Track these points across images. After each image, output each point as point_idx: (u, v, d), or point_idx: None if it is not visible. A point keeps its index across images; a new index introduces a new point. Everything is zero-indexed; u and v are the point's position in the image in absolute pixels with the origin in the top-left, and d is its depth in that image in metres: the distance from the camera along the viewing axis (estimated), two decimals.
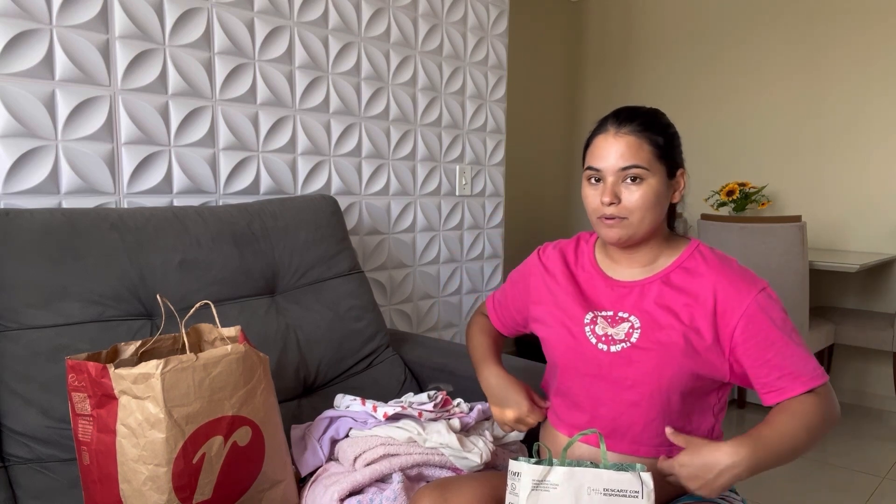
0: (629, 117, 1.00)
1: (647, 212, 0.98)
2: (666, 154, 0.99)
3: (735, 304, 0.97)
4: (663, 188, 0.99)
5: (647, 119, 1.00)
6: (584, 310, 1.06)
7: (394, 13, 2.02)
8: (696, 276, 1.01)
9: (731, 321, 0.97)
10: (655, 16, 3.55)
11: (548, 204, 3.77)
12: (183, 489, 0.91)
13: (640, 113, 1.01)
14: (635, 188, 0.98)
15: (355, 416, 1.21)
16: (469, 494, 0.95)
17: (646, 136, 0.98)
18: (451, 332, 2.36)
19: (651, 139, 0.98)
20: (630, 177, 0.97)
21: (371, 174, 2.02)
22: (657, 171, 0.98)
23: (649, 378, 0.98)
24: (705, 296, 0.99)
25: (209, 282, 1.32)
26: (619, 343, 1.01)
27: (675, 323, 0.99)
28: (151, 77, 1.48)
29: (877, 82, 2.92)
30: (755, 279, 1.00)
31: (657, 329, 0.99)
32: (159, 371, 0.88)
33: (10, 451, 1.07)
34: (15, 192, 1.31)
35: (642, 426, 1.00)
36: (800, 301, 2.43)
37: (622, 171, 0.97)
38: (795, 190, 3.17)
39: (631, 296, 1.04)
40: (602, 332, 1.03)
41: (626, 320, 1.02)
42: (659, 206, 0.99)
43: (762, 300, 0.97)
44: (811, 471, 2.33)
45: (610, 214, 0.99)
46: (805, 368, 0.96)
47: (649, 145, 0.98)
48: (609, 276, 1.07)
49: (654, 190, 0.98)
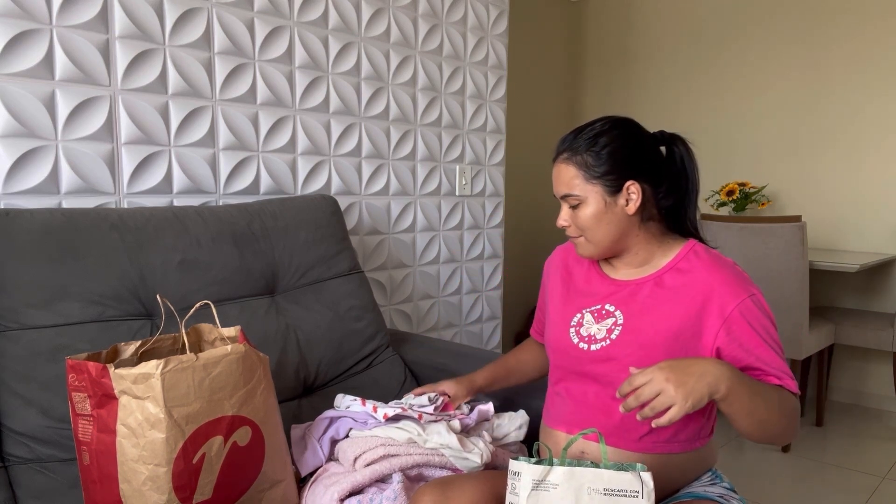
0: (563, 142, 1.05)
1: (596, 230, 1.03)
2: (599, 173, 1.01)
3: (722, 304, 0.98)
4: (602, 206, 1.02)
5: (579, 141, 1.03)
6: (573, 310, 1.10)
7: (394, 13, 2.02)
8: (689, 276, 1.02)
9: (717, 322, 0.98)
10: (655, 16, 3.55)
11: (548, 204, 3.77)
12: (183, 489, 0.91)
13: (575, 135, 1.04)
14: (576, 212, 1.04)
15: (355, 416, 1.21)
16: (469, 493, 0.96)
17: (573, 161, 1.03)
18: (451, 332, 2.36)
19: (579, 162, 1.02)
20: (569, 203, 1.04)
21: (371, 174, 2.02)
22: (590, 192, 1.02)
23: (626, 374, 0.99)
24: (695, 295, 1.00)
25: (209, 282, 1.32)
26: (600, 342, 1.04)
27: (660, 323, 1.00)
28: (151, 77, 1.48)
29: (877, 82, 2.92)
30: (747, 284, 1.00)
31: (638, 328, 1.01)
32: (159, 371, 0.88)
33: (10, 451, 1.07)
34: (15, 192, 1.31)
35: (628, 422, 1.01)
36: (800, 301, 2.43)
37: (563, 199, 1.05)
38: (795, 190, 3.17)
39: (621, 293, 1.06)
40: (586, 332, 1.06)
41: (612, 315, 1.05)
42: (605, 222, 1.03)
43: (748, 306, 0.98)
44: (811, 471, 2.33)
45: (568, 234, 1.08)
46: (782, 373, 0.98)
47: (576, 169, 1.02)
48: (606, 274, 1.11)
49: (592, 211, 1.02)
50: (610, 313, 1.05)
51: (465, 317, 2.41)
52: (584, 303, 1.10)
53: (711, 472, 1.10)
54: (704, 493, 1.03)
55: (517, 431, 1.27)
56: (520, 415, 1.28)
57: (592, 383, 1.05)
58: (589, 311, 1.08)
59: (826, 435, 2.68)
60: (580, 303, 1.10)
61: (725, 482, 1.09)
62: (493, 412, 1.29)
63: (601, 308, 1.07)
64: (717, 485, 1.07)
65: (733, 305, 0.98)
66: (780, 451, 2.50)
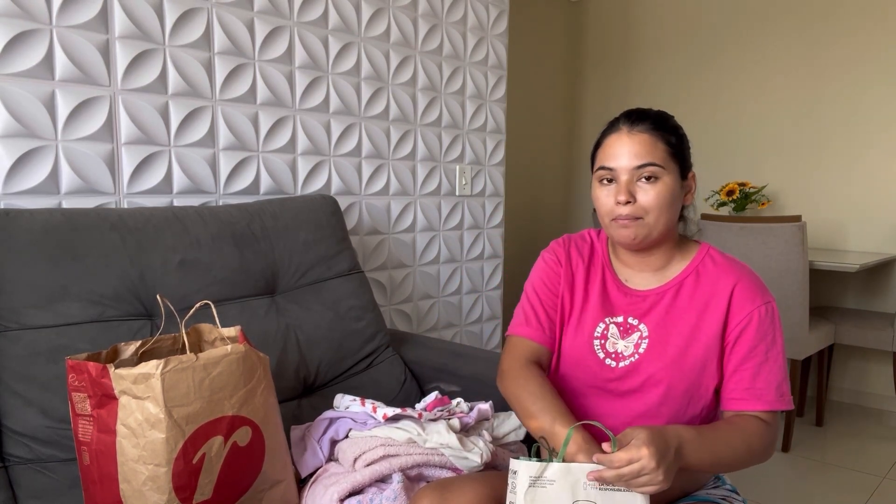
0: (641, 117, 0.99)
1: (662, 211, 0.96)
2: (678, 154, 0.99)
3: (742, 307, 0.98)
4: (678, 188, 0.98)
5: (660, 119, 1.00)
6: (595, 320, 1.04)
7: (394, 13, 2.02)
8: (710, 282, 1.01)
9: (735, 321, 0.98)
10: (655, 16, 3.55)
11: (548, 204, 3.77)
12: (183, 489, 0.91)
13: (651, 114, 1.00)
14: (650, 187, 0.95)
15: (355, 416, 1.21)
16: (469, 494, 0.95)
17: (659, 134, 0.97)
18: (451, 332, 2.36)
19: (664, 138, 0.98)
20: (645, 175, 0.95)
21: (371, 174, 2.02)
22: (672, 169, 0.97)
23: (656, 389, 0.98)
24: (719, 299, 0.99)
25: (209, 282, 1.32)
26: (628, 358, 1.01)
27: (686, 334, 0.99)
28: (151, 77, 1.48)
29: (877, 81, 2.92)
30: (765, 291, 1.00)
31: (665, 341, 0.99)
32: (159, 371, 0.88)
33: (10, 451, 1.07)
34: (15, 192, 1.31)
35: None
36: (800, 301, 2.43)
37: (637, 170, 0.95)
38: (795, 190, 3.17)
39: (644, 304, 1.03)
40: (612, 348, 1.02)
41: (636, 329, 1.02)
42: (674, 206, 0.98)
43: (762, 313, 0.98)
44: (811, 471, 2.33)
45: (626, 214, 0.96)
46: (770, 390, 0.97)
47: (663, 143, 0.97)
48: (623, 283, 1.06)
49: (669, 189, 0.96)
50: (634, 327, 1.02)
51: (465, 317, 2.41)
52: (605, 312, 1.05)
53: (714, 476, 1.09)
54: (707, 496, 1.03)
55: (517, 431, 1.27)
56: None
57: (611, 397, 1.02)
58: (613, 324, 1.03)
59: (826, 435, 2.68)
60: (601, 311, 1.05)
61: (728, 484, 1.08)
62: (493, 412, 1.29)
63: (624, 321, 1.03)
64: (719, 487, 1.07)
65: (750, 309, 0.97)
66: (780, 451, 2.50)
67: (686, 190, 1.02)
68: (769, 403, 0.96)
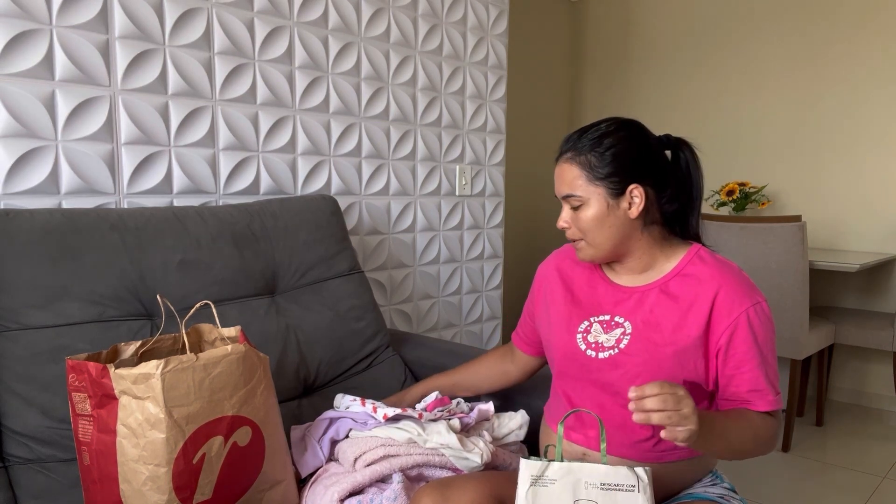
0: (567, 141, 1.03)
1: (596, 233, 1.01)
2: (603, 175, 0.99)
3: (729, 309, 0.98)
4: (604, 209, 1.00)
5: (583, 141, 1.01)
6: (580, 318, 1.08)
7: (394, 13, 2.02)
8: (695, 282, 1.01)
9: (721, 326, 0.98)
10: (655, 16, 3.55)
11: (548, 204, 3.77)
12: (183, 489, 0.91)
13: (573, 138, 1.02)
14: (577, 213, 1.02)
15: (355, 416, 1.21)
16: (470, 493, 0.96)
17: (576, 161, 1.00)
18: (452, 332, 2.36)
19: (582, 163, 1.00)
20: (570, 204, 1.02)
21: (371, 174, 2.02)
22: (592, 193, 1.00)
23: (635, 383, 0.99)
24: (703, 301, 0.99)
25: (209, 282, 1.32)
26: (608, 350, 1.02)
27: (667, 332, 1.00)
28: (151, 77, 1.48)
29: (876, 81, 2.92)
30: (753, 291, 1.00)
31: (647, 338, 1.00)
32: (159, 371, 0.88)
33: (10, 451, 1.07)
34: (15, 193, 1.31)
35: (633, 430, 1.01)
36: (800, 301, 2.43)
37: (564, 200, 1.02)
38: (795, 190, 3.17)
39: (629, 301, 1.04)
40: (594, 339, 1.04)
41: (620, 325, 1.03)
42: (609, 226, 1.00)
43: (753, 314, 0.98)
44: (811, 471, 2.33)
45: (570, 237, 1.05)
46: (770, 390, 0.98)
47: (579, 169, 1.00)
48: (610, 280, 1.09)
49: (594, 213, 1.00)
50: (619, 324, 1.03)
51: (465, 317, 2.41)
52: (591, 311, 1.07)
53: (712, 474, 1.10)
54: (704, 494, 1.03)
55: (517, 431, 1.27)
56: (520, 414, 1.28)
57: (598, 391, 1.04)
58: (597, 321, 1.05)
59: (826, 435, 2.68)
60: (586, 310, 1.08)
61: (726, 483, 1.09)
62: (494, 412, 1.29)
63: (610, 319, 1.04)
64: (717, 485, 1.07)
65: (738, 312, 0.98)
66: (780, 450, 2.50)
67: (628, 203, 1.00)
68: (770, 403, 0.98)
